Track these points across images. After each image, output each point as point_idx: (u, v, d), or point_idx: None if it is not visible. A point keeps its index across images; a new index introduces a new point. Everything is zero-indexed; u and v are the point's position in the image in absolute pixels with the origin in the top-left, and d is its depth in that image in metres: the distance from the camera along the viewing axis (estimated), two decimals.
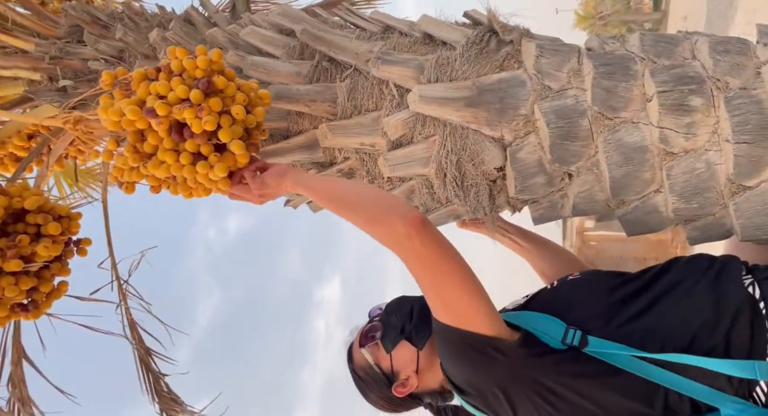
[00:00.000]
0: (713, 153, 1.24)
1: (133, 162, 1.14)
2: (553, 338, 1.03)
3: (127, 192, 1.26)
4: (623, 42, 1.39)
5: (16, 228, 1.51)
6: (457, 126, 1.37)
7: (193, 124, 1.08)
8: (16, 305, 1.53)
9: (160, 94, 1.11)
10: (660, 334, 1.00)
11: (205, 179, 1.14)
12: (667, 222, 1.34)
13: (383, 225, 1.02)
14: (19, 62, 1.80)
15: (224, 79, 1.15)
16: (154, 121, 1.09)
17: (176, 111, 1.08)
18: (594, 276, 1.23)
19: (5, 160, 2.19)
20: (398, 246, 1.01)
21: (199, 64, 1.13)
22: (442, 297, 1.02)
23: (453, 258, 1.02)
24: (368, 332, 1.28)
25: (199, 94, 1.09)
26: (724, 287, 1.03)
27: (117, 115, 1.11)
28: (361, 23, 1.59)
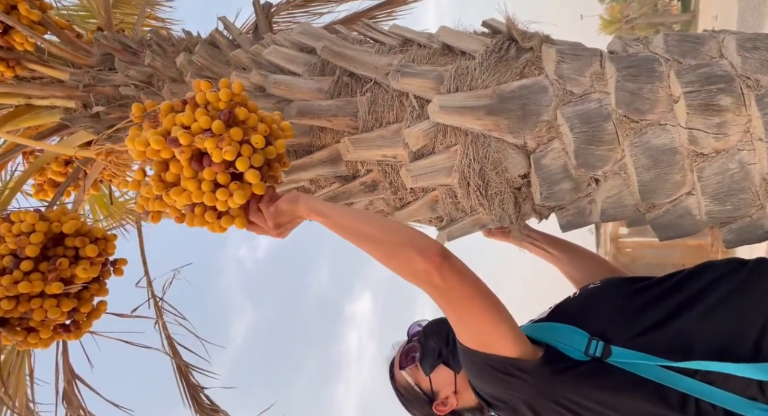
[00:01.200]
0: (746, 152, 1.20)
1: (157, 190, 1.18)
2: (576, 349, 1.02)
3: (153, 221, 1.30)
4: (647, 43, 1.37)
5: (56, 252, 1.57)
6: (478, 134, 1.36)
7: (213, 153, 1.12)
8: (59, 326, 1.59)
9: (184, 124, 1.15)
10: (685, 343, 0.98)
11: (224, 207, 1.17)
12: (701, 226, 1.30)
13: (402, 262, 1.03)
14: (55, 91, 1.88)
15: (246, 110, 1.18)
16: (177, 150, 1.13)
17: (198, 140, 1.11)
18: (614, 283, 1.22)
19: (44, 186, 2.28)
20: (418, 281, 1.02)
21: (222, 96, 1.17)
22: (465, 325, 1.03)
23: (474, 288, 1.02)
24: (408, 353, 1.31)
25: (221, 125, 1.13)
26: (753, 293, 1.00)
27: (143, 145, 1.15)
28: (380, 37, 1.61)
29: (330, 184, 1.64)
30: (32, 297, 1.47)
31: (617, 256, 9.76)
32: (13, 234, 1.50)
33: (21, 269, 1.46)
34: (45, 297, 1.49)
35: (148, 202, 1.24)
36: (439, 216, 1.57)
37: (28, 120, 1.99)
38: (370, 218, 1.23)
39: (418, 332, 1.36)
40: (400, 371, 1.30)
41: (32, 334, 1.54)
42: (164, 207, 1.23)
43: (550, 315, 1.19)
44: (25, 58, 1.90)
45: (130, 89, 1.81)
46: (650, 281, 1.15)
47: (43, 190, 2.24)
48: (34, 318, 1.49)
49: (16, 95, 1.88)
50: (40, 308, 1.48)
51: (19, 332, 1.52)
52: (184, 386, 2.13)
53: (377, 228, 1.11)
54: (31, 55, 1.91)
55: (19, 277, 1.45)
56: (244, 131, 1.16)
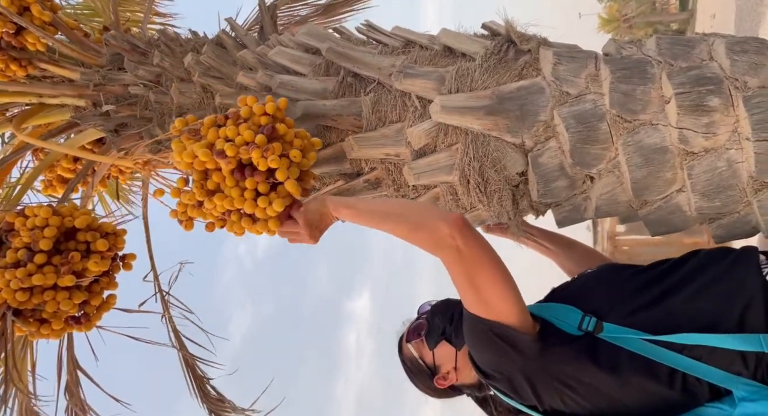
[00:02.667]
0: (734, 151, 1.25)
1: (200, 196, 1.28)
2: (570, 325, 1.09)
3: (187, 228, 1.40)
4: (640, 46, 1.42)
5: (68, 246, 1.62)
6: (478, 134, 1.41)
7: (259, 164, 1.22)
8: (70, 318, 1.63)
9: (228, 137, 1.25)
10: (672, 321, 1.03)
11: (263, 213, 1.27)
12: (691, 221, 1.35)
13: (427, 230, 1.10)
14: (66, 90, 1.92)
15: (285, 126, 1.30)
16: (223, 162, 1.23)
17: (243, 151, 1.22)
18: (609, 268, 1.30)
19: (54, 182, 2.33)
20: (442, 246, 1.08)
21: (268, 109, 1.30)
22: (477, 290, 1.09)
23: (490, 254, 1.10)
24: (415, 329, 1.41)
25: (264, 139, 1.24)
26: (738, 274, 1.06)
27: (190, 158, 1.26)
28: (383, 39, 1.66)
29: (335, 181, 1.69)
30: (45, 290, 1.52)
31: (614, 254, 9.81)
32: (28, 228, 1.55)
33: (35, 262, 1.50)
34: (57, 290, 1.54)
35: (188, 209, 1.32)
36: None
37: (40, 118, 2.03)
38: (393, 202, 1.36)
39: (426, 311, 1.45)
40: (407, 344, 1.40)
41: (44, 325, 1.58)
42: (202, 214, 1.33)
43: (548, 297, 1.26)
44: (37, 57, 1.95)
45: (139, 88, 1.86)
46: (643, 266, 1.22)
47: (52, 185, 2.29)
48: (47, 309, 1.53)
49: (29, 94, 1.92)
50: (52, 300, 1.53)
51: (32, 323, 1.57)
52: (191, 377, 2.18)
53: (400, 208, 1.23)
54: (42, 55, 1.96)
55: (33, 270, 1.50)
56: (282, 145, 1.27)
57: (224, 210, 1.30)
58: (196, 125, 1.32)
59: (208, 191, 1.29)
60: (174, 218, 1.38)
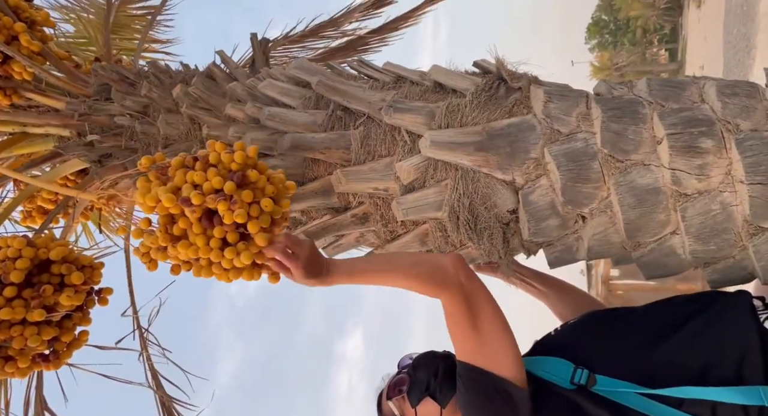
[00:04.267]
0: (728, 194, 1.23)
1: (163, 242, 1.20)
2: (562, 378, 1.03)
3: (150, 269, 1.32)
4: (631, 87, 1.41)
5: (41, 279, 1.55)
6: (468, 170, 1.38)
7: (225, 216, 1.15)
8: (38, 355, 1.55)
9: (195, 182, 1.18)
10: (667, 370, 0.98)
11: (229, 264, 1.19)
12: (686, 265, 1.31)
13: (429, 263, 1.08)
14: (51, 120, 1.90)
15: (257, 173, 1.22)
16: (188, 210, 1.16)
17: (210, 201, 1.15)
18: (594, 315, 1.24)
19: (33, 213, 2.27)
20: (448, 283, 1.05)
21: (236, 158, 1.21)
22: (480, 336, 1.04)
23: (491, 299, 1.07)
24: (396, 384, 1.30)
25: (233, 186, 1.16)
26: (731, 319, 1.01)
27: (153, 201, 1.18)
28: (374, 74, 1.65)
29: (321, 215, 1.65)
30: (13, 325, 1.44)
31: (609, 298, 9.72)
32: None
33: (4, 295, 1.43)
34: (26, 325, 1.46)
35: (150, 251, 1.25)
36: (429, 250, 1.58)
37: (22, 147, 2.00)
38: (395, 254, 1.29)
39: (408, 365, 1.35)
40: (387, 402, 1.28)
41: (10, 363, 1.49)
42: (166, 258, 1.25)
43: (531, 351, 1.20)
44: (23, 87, 1.93)
45: (125, 119, 1.83)
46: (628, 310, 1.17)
47: (32, 216, 2.23)
48: (13, 346, 1.45)
49: (12, 123, 1.90)
50: (20, 336, 1.45)
51: None
52: None
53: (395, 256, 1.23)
54: (28, 84, 1.94)
55: (1, 303, 1.43)
56: (253, 192, 1.19)
57: (193, 257, 1.21)
58: (164, 164, 1.25)
59: (172, 237, 1.21)
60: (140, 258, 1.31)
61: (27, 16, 1.93)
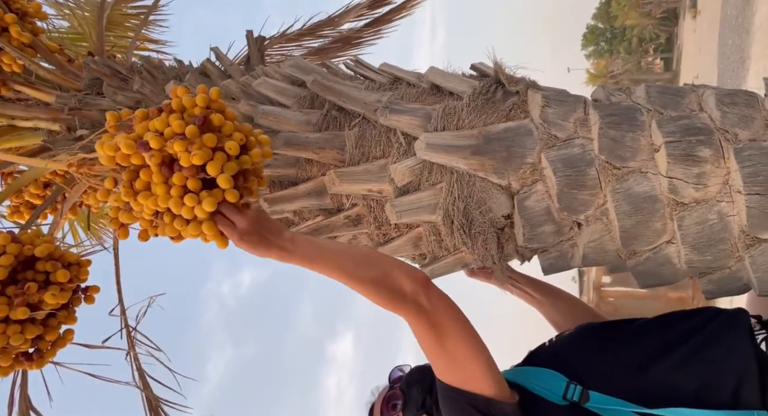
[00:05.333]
0: (725, 204, 1.21)
1: (126, 196, 1.12)
2: (554, 393, 1.01)
3: (121, 236, 1.25)
4: (629, 94, 1.40)
5: (25, 276, 1.51)
6: (464, 173, 1.37)
7: (181, 157, 1.06)
8: (20, 354, 1.51)
9: (157, 130, 1.10)
10: (662, 390, 0.96)
11: (189, 212, 1.10)
12: (681, 275, 1.30)
13: (389, 285, 1.01)
14: (40, 113, 1.86)
15: (221, 117, 1.13)
16: (147, 155, 1.08)
17: (168, 144, 1.07)
18: (589, 328, 1.22)
19: (21, 208, 2.23)
20: (404, 306, 1.00)
21: (198, 101, 1.13)
22: (449, 356, 1.01)
23: (459, 318, 1.02)
24: (389, 400, 1.28)
25: (194, 130, 1.08)
26: (729, 339, 0.99)
27: (112, 150, 1.10)
28: (371, 75, 1.63)
29: (314, 216, 1.63)
30: None
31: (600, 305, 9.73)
32: None
33: None
34: (9, 323, 1.43)
35: (119, 213, 1.19)
36: (422, 254, 1.56)
37: (10, 141, 1.96)
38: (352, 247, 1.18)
39: (400, 378, 1.32)
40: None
41: None
42: (133, 219, 1.18)
43: (525, 361, 1.18)
44: (12, 79, 1.89)
45: None
46: (625, 323, 1.15)
47: (19, 211, 2.19)
48: None
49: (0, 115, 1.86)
50: (2, 334, 1.41)
51: None
52: None
53: (361, 258, 1.08)
54: (18, 77, 1.90)
55: None
56: (219, 138, 1.11)
57: (153, 212, 1.13)
58: (129, 119, 1.17)
59: (135, 191, 1.12)
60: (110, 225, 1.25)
61: (18, 7, 1.90)
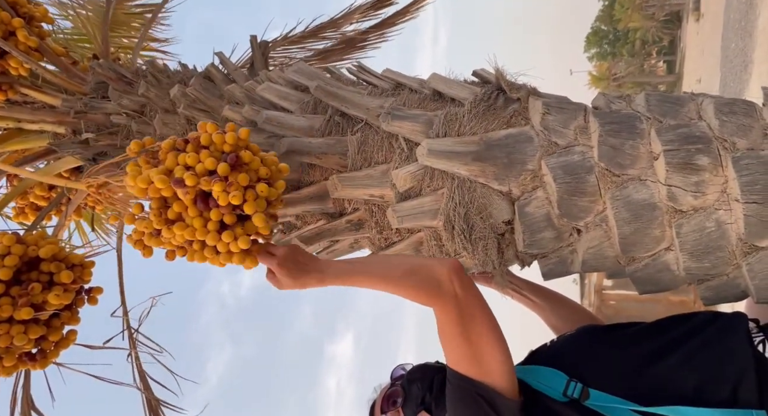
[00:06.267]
0: (723, 212, 1.23)
1: (157, 225, 1.18)
2: (555, 390, 1.02)
3: (145, 255, 1.30)
4: (629, 101, 1.41)
5: (29, 277, 1.53)
6: (465, 179, 1.38)
7: (220, 197, 1.13)
8: (24, 354, 1.53)
9: (188, 164, 1.16)
10: (661, 390, 0.98)
11: (225, 247, 1.17)
12: (680, 281, 1.31)
13: (425, 275, 1.05)
14: (46, 116, 1.88)
15: (250, 153, 1.20)
16: (181, 191, 1.14)
17: (204, 183, 1.13)
18: (590, 329, 1.24)
19: (26, 210, 2.25)
20: (441, 292, 1.03)
21: (228, 139, 1.19)
22: (472, 346, 1.02)
23: (486, 309, 1.05)
24: (390, 397, 1.29)
25: (227, 167, 1.14)
26: (728, 341, 1.01)
27: (145, 183, 1.16)
28: (373, 80, 1.65)
29: (316, 220, 1.64)
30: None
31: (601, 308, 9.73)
32: None
33: None
34: (13, 323, 1.44)
35: (144, 236, 1.23)
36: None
37: (17, 143, 1.98)
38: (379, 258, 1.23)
39: (401, 376, 1.34)
40: (381, 415, 1.28)
41: None
42: (160, 243, 1.23)
43: (527, 360, 1.19)
44: (19, 82, 1.91)
45: (121, 118, 1.82)
46: (626, 326, 1.17)
47: (24, 213, 2.21)
48: None
49: (7, 118, 1.88)
50: (6, 334, 1.43)
51: None
52: None
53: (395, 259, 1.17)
54: (24, 80, 1.92)
55: None
56: (248, 174, 1.18)
57: (185, 240, 1.20)
58: (154, 148, 1.23)
59: (167, 220, 1.19)
60: (133, 245, 1.29)
61: (25, 11, 1.92)
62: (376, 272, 1.11)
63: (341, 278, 1.13)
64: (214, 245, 1.18)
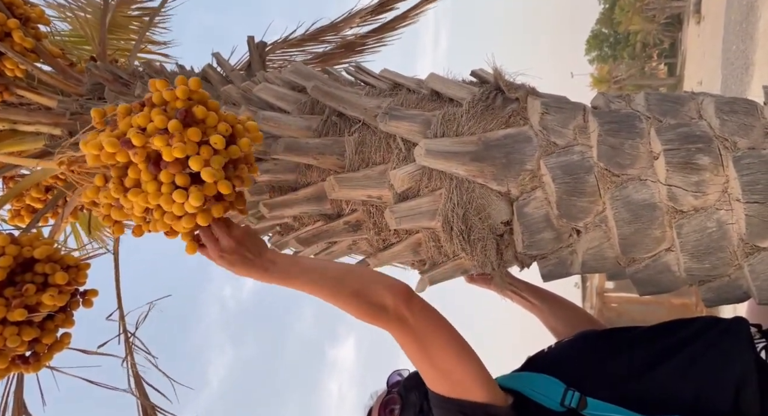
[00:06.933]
0: (724, 212, 1.21)
1: (115, 193, 1.12)
2: (552, 399, 1.00)
3: (116, 232, 1.25)
4: (629, 101, 1.40)
5: (24, 278, 1.52)
6: (463, 180, 1.37)
7: (164, 153, 1.06)
8: (17, 357, 1.51)
9: (140, 126, 1.09)
10: (660, 397, 0.96)
11: (180, 209, 1.10)
12: (680, 282, 1.29)
13: (369, 300, 1.00)
14: (42, 118, 1.87)
15: (204, 108, 1.12)
16: (131, 152, 1.07)
17: (151, 141, 1.06)
18: (588, 335, 1.22)
19: (22, 212, 2.24)
20: (386, 319, 1.00)
21: (179, 94, 1.12)
22: (436, 368, 1.00)
23: (444, 327, 1.01)
24: (387, 404, 1.27)
25: (177, 124, 1.07)
26: (728, 347, 0.99)
27: (96, 149, 1.10)
28: (371, 80, 1.64)
29: (314, 221, 1.63)
30: None
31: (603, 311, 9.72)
32: None
33: None
34: (6, 325, 1.43)
35: (110, 210, 1.19)
36: (422, 260, 1.56)
37: (12, 145, 1.97)
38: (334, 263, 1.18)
39: (398, 382, 1.32)
40: None
41: None
42: (125, 216, 1.18)
43: (524, 367, 1.17)
44: (14, 84, 1.90)
45: None
46: (624, 331, 1.15)
47: (20, 215, 2.20)
48: None
49: (2, 120, 1.87)
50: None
51: None
52: None
53: (341, 273, 1.08)
54: (20, 81, 1.91)
55: None
56: (204, 131, 1.10)
57: (143, 209, 1.13)
58: (114, 115, 1.15)
59: (124, 188, 1.12)
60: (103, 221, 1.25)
61: (21, 12, 1.91)
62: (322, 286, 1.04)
63: (285, 280, 1.07)
64: (171, 210, 1.10)
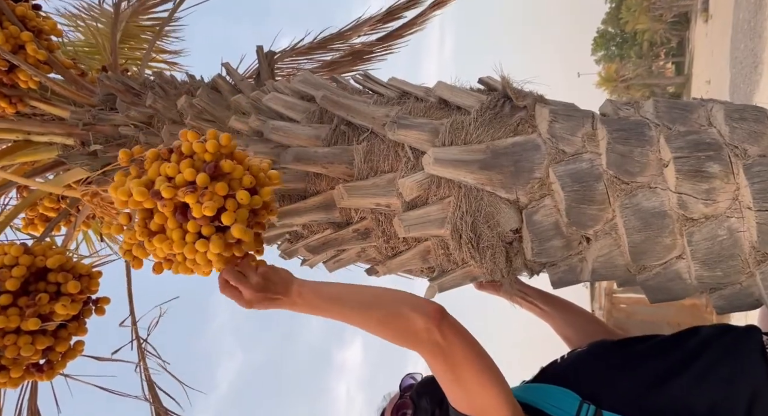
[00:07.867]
0: (735, 220, 1.21)
1: (140, 236, 1.16)
2: (567, 413, 1.00)
3: (135, 267, 1.29)
4: (637, 108, 1.40)
5: (37, 287, 1.54)
6: (471, 188, 1.37)
7: (194, 209, 1.10)
8: (31, 365, 1.53)
9: (168, 175, 1.13)
10: (675, 411, 0.95)
11: (203, 258, 1.14)
12: (692, 290, 1.29)
13: (401, 323, 1.02)
14: (55, 128, 1.90)
15: (231, 162, 1.17)
16: (159, 203, 1.12)
17: (182, 194, 1.10)
18: (601, 346, 1.21)
19: (35, 221, 2.27)
20: (418, 341, 1.01)
21: (209, 148, 1.16)
22: (463, 389, 1.01)
23: (474, 349, 1.02)
24: (399, 409, 1.28)
25: (206, 178, 1.12)
26: (740, 360, 0.98)
27: (125, 195, 1.14)
28: (379, 89, 1.65)
29: (323, 229, 1.64)
30: (6, 333, 1.43)
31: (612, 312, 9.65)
32: None
33: None
34: (20, 334, 1.45)
35: (132, 247, 1.22)
36: (431, 267, 1.56)
37: (26, 155, 2.00)
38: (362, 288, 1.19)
39: (410, 386, 1.33)
40: None
41: (2, 372, 1.48)
42: (146, 254, 1.22)
43: (537, 378, 1.17)
44: (28, 95, 1.93)
45: (129, 129, 1.83)
46: (637, 341, 1.14)
47: (33, 224, 2.23)
48: (6, 355, 1.43)
49: (16, 131, 1.90)
50: (13, 344, 1.43)
51: None
52: None
53: (371, 296, 1.10)
54: (34, 93, 1.94)
55: None
56: (230, 183, 1.15)
57: (170, 252, 1.17)
58: (142, 157, 1.20)
59: (149, 232, 1.16)
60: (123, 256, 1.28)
61: (34, 25, 1.94)
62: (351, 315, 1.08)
63: (315, 311, 1.11)
64: (194, 258, 1.15)
